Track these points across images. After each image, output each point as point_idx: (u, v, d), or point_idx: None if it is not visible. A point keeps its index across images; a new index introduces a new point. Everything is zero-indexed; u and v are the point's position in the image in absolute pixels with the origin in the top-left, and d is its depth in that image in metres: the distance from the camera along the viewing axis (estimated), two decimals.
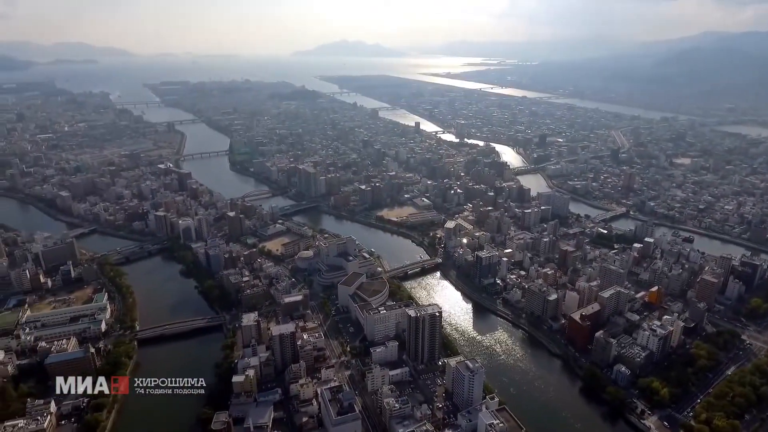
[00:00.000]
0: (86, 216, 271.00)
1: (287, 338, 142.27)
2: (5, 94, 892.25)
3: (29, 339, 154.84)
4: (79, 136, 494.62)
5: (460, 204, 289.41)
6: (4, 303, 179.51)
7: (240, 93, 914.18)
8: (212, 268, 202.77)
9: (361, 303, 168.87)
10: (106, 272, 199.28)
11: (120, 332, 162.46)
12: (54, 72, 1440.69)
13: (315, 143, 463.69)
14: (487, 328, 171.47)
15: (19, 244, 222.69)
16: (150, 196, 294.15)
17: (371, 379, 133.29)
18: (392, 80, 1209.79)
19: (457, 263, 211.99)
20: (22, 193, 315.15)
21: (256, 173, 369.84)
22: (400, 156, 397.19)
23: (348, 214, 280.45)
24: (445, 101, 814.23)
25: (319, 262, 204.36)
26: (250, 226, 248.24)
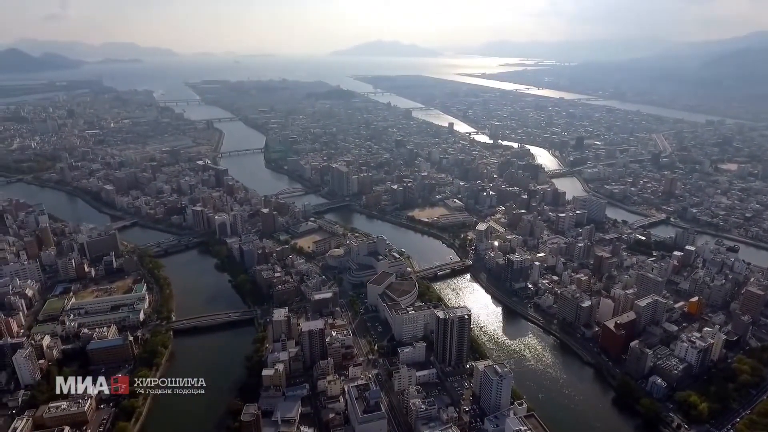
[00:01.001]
0: (128, 209, 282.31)
1: (316, 335, 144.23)
2: (57, 91, 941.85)
3: (73, 325, 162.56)
4: (123, 133, 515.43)
5: (493, 206, 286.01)
6: (51, 290, 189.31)
7: (277, 92, 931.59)
8: (246, 263, 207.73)
9: (389, 302, 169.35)
10: (146, 264, 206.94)
11: (157, 322, 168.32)
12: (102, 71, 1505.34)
13: (348, 142, 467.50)
14: (517, 333, 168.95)
15: (66, 234, 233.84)
16: (188, 192, 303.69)
17: (398, 379, 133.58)
18: (427, 80, 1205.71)
19: (487, 266, 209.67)
20: (70, 186, 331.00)
21: (290, 171, 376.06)
22: (432, 156, 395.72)
23: (379, 214, 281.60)
24: (480, 102, 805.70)
25: (350, 261, 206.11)
26: (283, 223, 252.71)
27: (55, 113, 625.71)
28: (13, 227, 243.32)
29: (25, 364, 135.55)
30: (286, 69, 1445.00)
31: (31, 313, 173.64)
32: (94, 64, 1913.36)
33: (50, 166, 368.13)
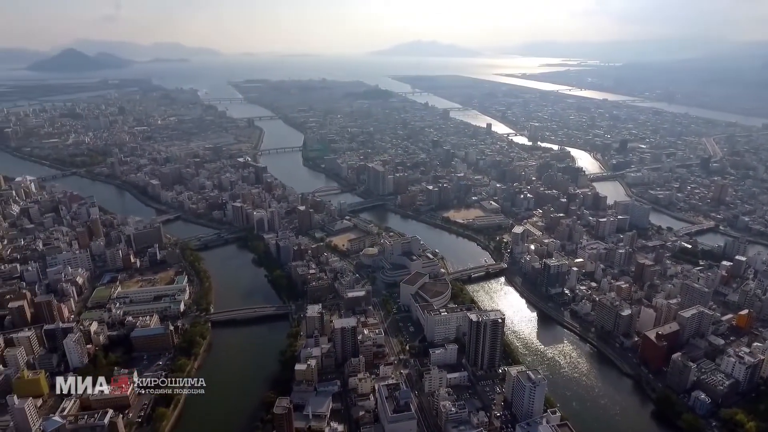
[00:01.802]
0: (172, 203, 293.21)
1: (348, 332, 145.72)
2: (110, 89, 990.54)
3: (119, 313, 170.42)
4: (169, 129, 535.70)
5: (530, 209, 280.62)
6: (99, 278, 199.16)
7: (316, 91, 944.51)
8: (282, 259, 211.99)
9: (422, 303, 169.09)
10: (187, 256, 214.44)
11: (196, 313, 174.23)
12: (151, 70, 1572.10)
13: (385, 142, 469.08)
14: (552, 339, 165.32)
15: (114, 226, 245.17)
16: (229, 188, 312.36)
17: (429, 381, 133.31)
18: (465, 80, 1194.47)
19: (523, 270, 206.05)
20: (119, 180, 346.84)
21: (327, 169, 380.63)
22: (469, 157, 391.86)
23: (414, 214, 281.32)
24: (519, 103, 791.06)
25: (383, 260, 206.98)
26: (319, 221, 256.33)
27: (107, 110, 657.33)
28: (67, 218, 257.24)
29: (74, 348, 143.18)
30: (325, 69, 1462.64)
31: (81, 300, 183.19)
32: (144, 64, 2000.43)
33: (101, 160, 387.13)
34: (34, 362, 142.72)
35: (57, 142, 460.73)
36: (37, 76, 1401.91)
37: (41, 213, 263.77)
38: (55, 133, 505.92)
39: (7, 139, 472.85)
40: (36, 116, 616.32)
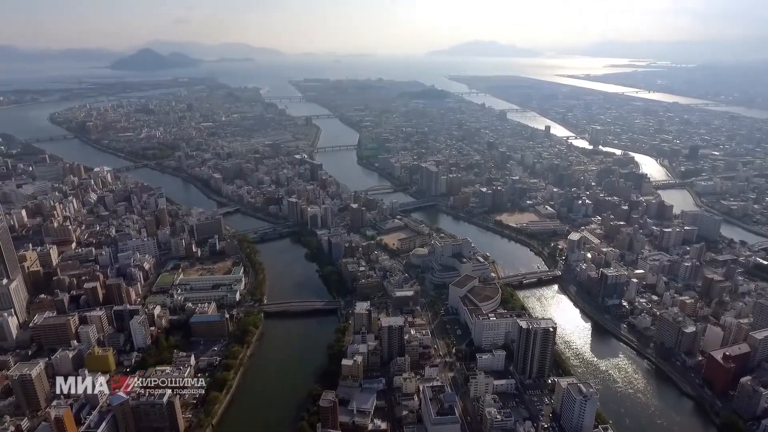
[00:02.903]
0: (232, 197, 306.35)
1: (395, 331, 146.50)
2: (179, 87, 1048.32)
3: (180, 299, 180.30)
4: (232, 126, 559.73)
5: (588, 216, 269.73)
6: (164, 265, 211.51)
7: (372, 91, 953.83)
8: (333, 255, 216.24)
9: (471, 307, 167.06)
10: (244, 248, 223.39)
11: (250, 303, 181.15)
12: (218, 69, 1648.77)
13: (439, 142, 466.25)
14: (607, 353, 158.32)
15: (179, 216, 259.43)
16: (285, 184, 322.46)
17: (474, 385, 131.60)
18: (524, 81, 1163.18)
19: (578, 278, 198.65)
20: (185, 173, 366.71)
21: (380, 168, 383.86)
22: (525, 160, 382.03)
23: (466, 216, 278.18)
24: (581, 105, 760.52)
25: (433, 261, 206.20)
26: (371, 219, 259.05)
27: (176, 107, 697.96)
28: (137, 207, 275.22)
29: (139, 330, 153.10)
30: (382, 68, 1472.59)
31: (147, 285, 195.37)
32: (212, 63, 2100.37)
33: (170, 154, 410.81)
34: (104, 340, 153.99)
35: (131, 136, 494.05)
36: (116, 74, 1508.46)
37: (115, 201, 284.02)
38: (130, 128, 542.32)
39: (89, 132, 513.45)
40: (114, 111, 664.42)
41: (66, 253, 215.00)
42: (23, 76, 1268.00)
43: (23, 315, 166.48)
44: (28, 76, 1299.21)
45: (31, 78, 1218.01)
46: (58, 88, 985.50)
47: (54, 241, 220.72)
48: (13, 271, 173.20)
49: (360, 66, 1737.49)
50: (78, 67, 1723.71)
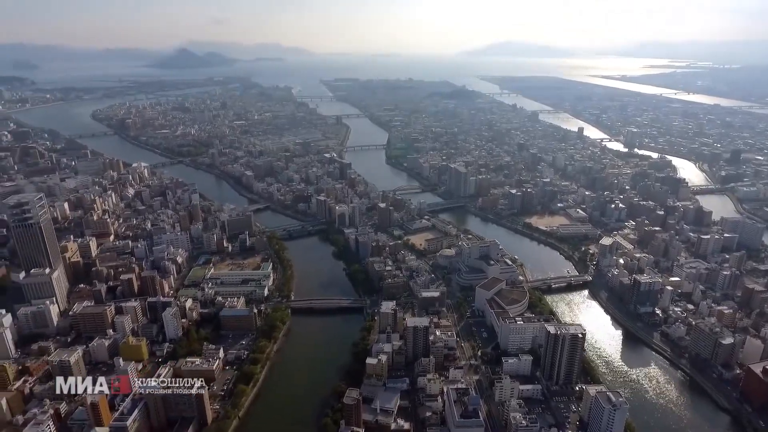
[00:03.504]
0: (263, 194, 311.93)
1: (420, 331, 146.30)
2: (214, 86, 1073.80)
3: (211, 293, 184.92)
4: (264, 124, 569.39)
5: (621, 220, 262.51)
6: (196, 259, 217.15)
7: (402, 91, 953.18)
8: (360, 254, 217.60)
9: (497, 310, 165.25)
10: (273, 245, 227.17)
11: (278, 299, 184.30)
12: (251, 68, 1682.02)
13: (469, 143, 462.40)
14: (638, 361, 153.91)
15: (211, 212, 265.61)
16: (315, 182, 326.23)
17: (500, 389, 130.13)
18: (557, 82, 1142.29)
19: (609, 284, 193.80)
20: (218, 170, 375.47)
21: (408, 168, 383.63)
22: (557, 162, 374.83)
23: (494, 218, 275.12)
24: (616, 106, 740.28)
25: (460, 262, 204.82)
26: (398, 219, 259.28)
27: (211, 105, 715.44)
28: (172, 202, 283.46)
29: (171, 321, 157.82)
30: (413, 68, 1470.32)
31: (179, 278, 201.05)
32: (245, 62, 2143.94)
33: (204, 151, 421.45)
34: (138, 330, 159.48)
35: (167, 133, 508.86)
36: (155, 73, 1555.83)
37: (151, 196, 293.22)
38: (167, 125, 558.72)
39: (128, 129, 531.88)
40: (152, 109, 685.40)
41: (104, 245, 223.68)
42: (69, 75, 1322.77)
43: (64, 303, 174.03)
44: (73, 74, 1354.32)
45: (77, 76, 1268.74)
46: (101, 86, 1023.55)
47: (93, 234, 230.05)
48: (56, 261, 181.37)
49: (390, 66, 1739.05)
50: (119, 66, 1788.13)
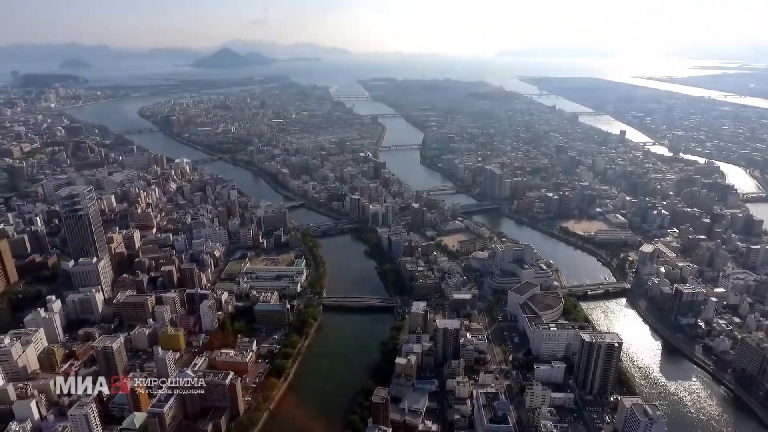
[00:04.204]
0: (298, 191, 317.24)
1: (451, 333, 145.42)
2: (254, 84, 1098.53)
3: (246, 287, 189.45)
4: (301, 123, 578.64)
5: (663, 227, 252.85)
6: (232, 254, 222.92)
7: (439, 91, 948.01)
8: (392, 253, 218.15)
9: (530, 315, 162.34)
10: (306, 242, 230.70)
11: (310, 295, 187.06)
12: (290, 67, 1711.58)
13: (505, 145, 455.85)
14: (677, 374, 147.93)
15: (248, 208, 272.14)
16: (349, 180, 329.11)
17: (530, 396, 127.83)
18: (598, 83, 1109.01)
19: (649, 293, 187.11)
20: (255, 167, 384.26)
21: (443, 169, 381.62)
22: (596, 165, 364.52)
23: (529, 221, 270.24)
24: (661, 109, 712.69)
25: (493, 265, 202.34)
26: (431, 219, 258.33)
27: (250, 103, 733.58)
28: (211, 197, 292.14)
29: (208, 313, 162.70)
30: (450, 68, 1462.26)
31: (216, 271, 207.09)
32: (284, 62, 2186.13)
33: (243, 148, 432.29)
34: (176, 320, 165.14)
35: (209, 131, 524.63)
36: (198, 71, 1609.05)
37: (192, 191, 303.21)
38: (208, 122, 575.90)
39: (172, 126, 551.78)
40: (195, 107, 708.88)
41: (147, 238, 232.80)
42: (118, 73, 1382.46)
43: (108, 292, 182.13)
44: (122, 73, 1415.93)
45: (126, 75, 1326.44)
46: (148, 84, 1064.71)
47: (137, 226, 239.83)
48: (102, 251, 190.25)
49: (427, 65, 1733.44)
50: (166, 65, 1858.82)
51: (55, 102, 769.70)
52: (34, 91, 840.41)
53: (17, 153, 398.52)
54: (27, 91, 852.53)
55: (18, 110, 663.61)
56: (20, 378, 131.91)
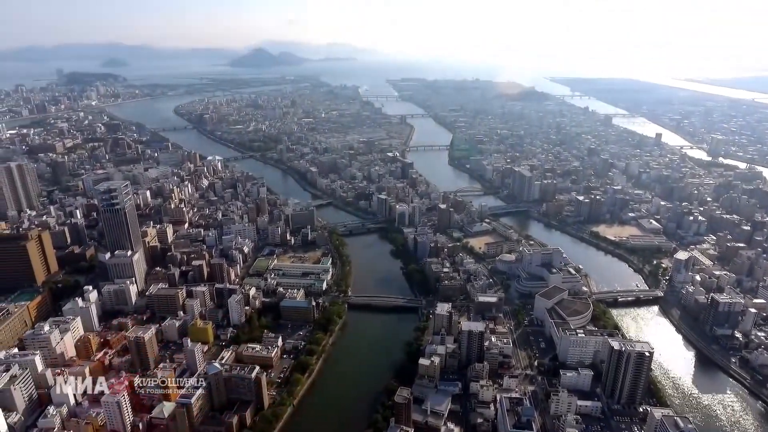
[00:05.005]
0: (326, 190, 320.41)
1: (476, 336, 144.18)
2: (286, 84, 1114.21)
3: (273, 283, 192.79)
4: (331, 122, 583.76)
5: (700, 234, 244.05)
6: (260, 250, 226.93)
7: (468, 91, 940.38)
8: (418, 254, 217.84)
9: (558, 320, 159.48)
10: (333, 240, 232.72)
11: (336, 294, 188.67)
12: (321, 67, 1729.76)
13: (535, 146, 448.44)
14: (711, 387, 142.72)
15: (277, 205, 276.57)
16: (376, 180, 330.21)
17: (556, 402, 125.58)
18: (634, 84, 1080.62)
19: (683, 302, 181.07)
20: (285, 165, 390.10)
21: (471, 170, 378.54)
22: (630, 169, 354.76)
23: (559, 224, 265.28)
24: (700, 112, 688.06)
25: (520, 269, 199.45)
26: (458, 221, 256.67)
27: (281, 103, 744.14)
28: (241, 194, 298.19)
29: (235, 308, 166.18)
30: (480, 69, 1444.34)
31: (245, 267, 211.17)
32: (316, 62, 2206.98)
33: (273, 147, 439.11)
34: (205, 313, 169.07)
35: (241, 129, 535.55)
36: (232, 71, 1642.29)
37: (223, 188, 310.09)
38: (240, 121, 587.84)
39: (205, 124, 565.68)
40: (228, 105, 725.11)
41: (179, 232, 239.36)
42: (156, 72, 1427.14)
43: (142, 284, 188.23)
44: (160, 72, 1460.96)
45: (162, 74, 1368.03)
46: (183, 83, 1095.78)
47: (170, 221, 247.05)
48: (137, 244, 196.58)
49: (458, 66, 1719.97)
50: (201, 64, 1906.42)
51: (96, 100, 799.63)
52: (76, 89, 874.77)
53: (60, 148, 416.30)
54: (70, 89, 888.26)
55: (62, 107, 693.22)
56: (58, 364, 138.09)
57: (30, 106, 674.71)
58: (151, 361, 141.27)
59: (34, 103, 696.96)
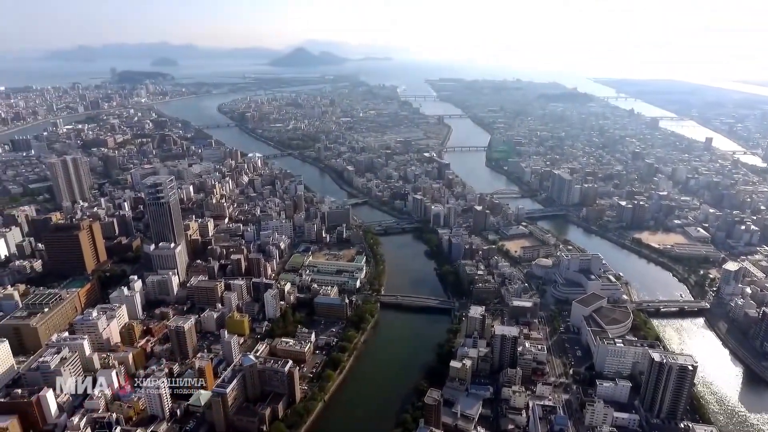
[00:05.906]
0: (362, 189, 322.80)
1: (509, 341, 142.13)
2: (325, 83, 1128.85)
3: (307, 279, 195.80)
4: (368, 122, 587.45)
5: (752, 244, 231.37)
6: (296, 247, 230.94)
7: (508, 92, 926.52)
8: (452, 255, 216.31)
9: (595, 328, 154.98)
10: (368, 239, 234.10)
11: (369, 292, 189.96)
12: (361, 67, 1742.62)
13: (576, 149, 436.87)
14: (760, 405, 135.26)
15: (313, 203, 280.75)
16: (412, 180, 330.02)
17: (591, 413, 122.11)
18: (683, 86, 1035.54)
19: (731, 315, 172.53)
20: (322, 164, 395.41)
21: (509, 172, 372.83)
22: (677, 174, 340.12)
23: (599, 230, 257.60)
24: (756, 115, 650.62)
25: (557, 274, 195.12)
26: (494, 223, 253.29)
27: (320, 102, 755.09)
28: (279, 191, 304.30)
29: (271, 302, 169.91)
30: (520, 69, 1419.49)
31: (281, 263, 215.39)
32: (355, 62, 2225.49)
33: (311, 145, 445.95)
34: (242, 307, 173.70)
35: (280, 127, 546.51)
36: (273, 70, 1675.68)
37: (262, 185, 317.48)
38: (280, 119, 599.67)
39: (247, 122, 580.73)
40: (269, 104, 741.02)
41: (220, 227, 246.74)
42: (201, 71, 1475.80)
43: (183, 275, 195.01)
44: (205, 71, 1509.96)
45: (207, 73, 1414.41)
46: (227, 82, 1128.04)
47: (211, 215, 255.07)
48: (179, 237, 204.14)
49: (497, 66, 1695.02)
50: (244, 63, 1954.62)
51: (145, 97, 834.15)
52: (128, 87, 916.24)
53: (111, 143, 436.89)
54: (122, 87, 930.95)
55: (114, 104, 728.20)
56: (104, 349, 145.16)
57: (85, 103, 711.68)
58: (190, 351, 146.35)
59: (89, 100, 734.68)
